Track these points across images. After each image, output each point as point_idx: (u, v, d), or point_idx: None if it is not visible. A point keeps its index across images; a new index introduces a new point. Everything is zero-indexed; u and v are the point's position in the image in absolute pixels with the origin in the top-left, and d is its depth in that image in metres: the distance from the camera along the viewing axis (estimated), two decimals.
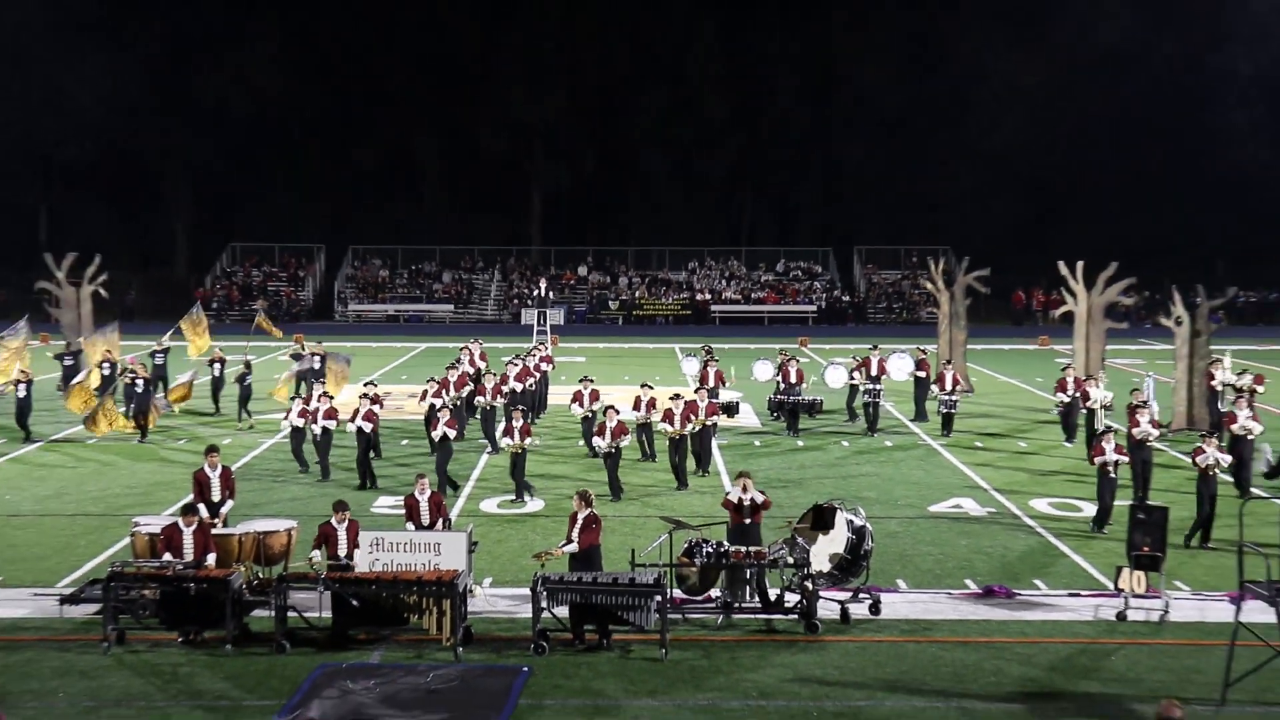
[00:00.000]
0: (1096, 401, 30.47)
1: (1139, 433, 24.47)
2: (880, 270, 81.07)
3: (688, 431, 27.01)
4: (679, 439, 26.82)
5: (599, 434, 25.73)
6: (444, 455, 25.94)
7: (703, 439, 28.13)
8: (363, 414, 26.97)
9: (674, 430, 26.76)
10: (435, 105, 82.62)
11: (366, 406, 27.27)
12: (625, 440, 25.73)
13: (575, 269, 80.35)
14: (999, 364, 50.48)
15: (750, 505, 19.30)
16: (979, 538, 23.03)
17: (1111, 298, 37.21)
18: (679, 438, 26.80)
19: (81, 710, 14.92)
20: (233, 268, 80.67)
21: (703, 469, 28.04)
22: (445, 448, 25.96)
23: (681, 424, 26.82)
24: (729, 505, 19.51)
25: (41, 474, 28.31)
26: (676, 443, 26.81)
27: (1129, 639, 17.53)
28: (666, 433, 26.98)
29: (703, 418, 27.58)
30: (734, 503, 19.41)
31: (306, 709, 14.67)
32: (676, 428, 26.77)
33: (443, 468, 25.76)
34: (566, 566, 17.93)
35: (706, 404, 27.97)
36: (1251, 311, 75.81)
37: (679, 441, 26.82)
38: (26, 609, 18.51)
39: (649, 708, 15.01)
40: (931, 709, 15.07)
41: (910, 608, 18.77)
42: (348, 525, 18.32)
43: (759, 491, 19.57)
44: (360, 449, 26.94)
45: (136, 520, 19.87)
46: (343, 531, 18.26)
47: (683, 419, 26.88)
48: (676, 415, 26.88)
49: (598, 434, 25.82)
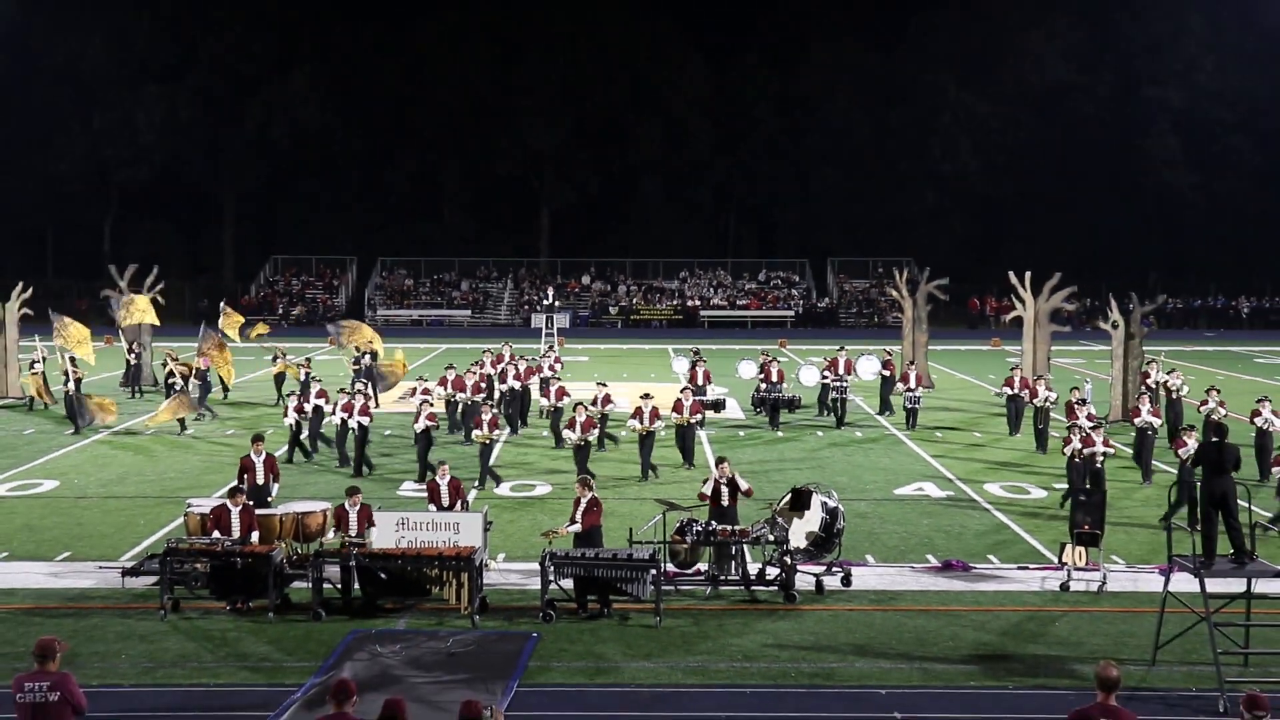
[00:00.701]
0: (1044, 400, 29.89)
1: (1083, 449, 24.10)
2: (851, 279, 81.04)
3: (655, 429, 26.09)
4: (645, 435, 25.95)
5: (569, 427, 25.08)
6: (424, 445, 25.65)
7: (686, 435, 27.40)
8: (359, 409, 26.51)
9: (641, 427, 25.89)
10: (456, 134, 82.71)
11: (361, 401, 26.93)
12: (594, 434, 25.14)
13: (579, 278, 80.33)
14: (956, 363, 50.46)
15: (730, 486, 19.14)
16: (939, 518, 23.01)
17: (1055, 304, 37.20)
18: (645, 434, 25.90)
19: (141, 670, 14.89)
20: (274, 277, 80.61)
21: (687, 463, 27.27)
22: (426, 439, 25.64)
23: (650, 421, 25.96)
24: (703, 497, 19.28)
25: (105, 461, 28.27)
26: (643, 439, 25.99)
27: (1071, 607, 17.52)
28: (634, 430, 26.18)
29: (687, 415, 27.02)
30: (707, 494, 19.19)
31: (340, 670, 14.64)
32: (645, 425, 25.91)
33: (423, 455, 25.53)
34: (571, 544, 17.92)
35: (691, 402, 27.38)
36: (1179, 317, 75.90)
37: (646, 438, 25.99)
38: (92, 580, 18.49)
39: (645, 669, 14.99)
40: (896, 670, 15.04)
41: (878, 580, 18.75)
42: (359, 508, 18.33)
43: (741, 479, 19.40)
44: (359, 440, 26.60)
45: (190, 501, 19.89)
46: (354, 514, 18.25)
47: (650, 417, 26.00)
48: (645, 413, 26.04)
49: (568, 427, 25.15)
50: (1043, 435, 29.57)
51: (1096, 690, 10.11)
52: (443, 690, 14.16)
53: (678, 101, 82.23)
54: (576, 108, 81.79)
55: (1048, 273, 37.72)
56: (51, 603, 17.50)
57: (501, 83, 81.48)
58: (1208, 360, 52.16)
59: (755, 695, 14.28)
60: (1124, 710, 10.03)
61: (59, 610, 17.15)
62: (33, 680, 10.45)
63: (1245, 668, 14.99)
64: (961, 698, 14.26)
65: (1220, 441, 15.41)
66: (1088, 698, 10.62)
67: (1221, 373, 46.90)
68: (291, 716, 13.40)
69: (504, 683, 14.43)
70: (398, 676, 14.65)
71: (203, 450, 29.44)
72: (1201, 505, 15.34)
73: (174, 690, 14.31)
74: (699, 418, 27.71)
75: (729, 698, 14.19)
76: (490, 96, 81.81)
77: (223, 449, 29.46)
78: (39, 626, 15.99)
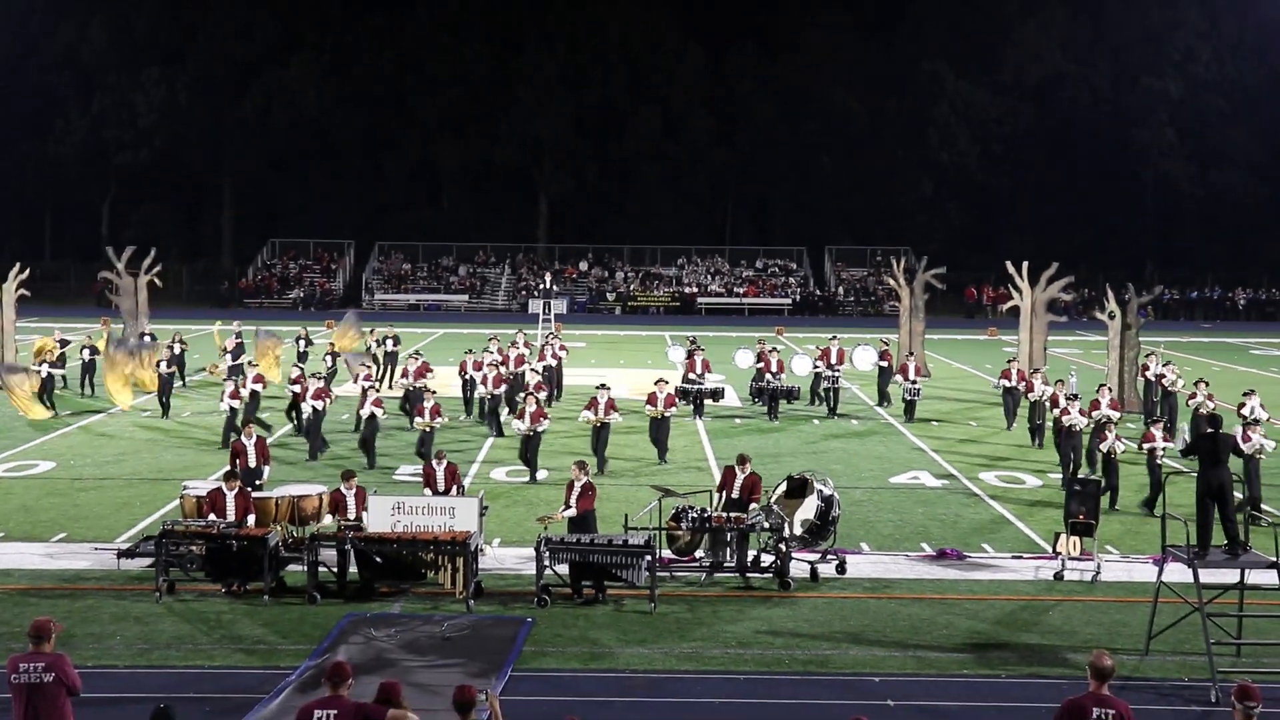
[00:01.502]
0: (1040, 394, 28.84)
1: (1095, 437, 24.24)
2: (848, 268, 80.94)
3: (610, 421, 25.31)
4: (600, 426, 25.21)
5: (519, 418, 24.34)
6: (370, 429, 25.53)
7: (660, 429, 26.37)
8: (312, 392, 26.36)
9: (595, 419, 25.11)
10: (455, 121, 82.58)
11: (316, 385, 26.82)
12: (544, 425, 24.37)
13: (577, 264, 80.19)
14: (953, 352, 50.43)
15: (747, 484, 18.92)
16: (934, 506, 23.03)
17: (1053, 294, 37.19)
18: (600, 425, 25.15)
19: (136, 652, 14.89)
20: (272, 260, 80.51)
21: (660, 458, 26.27)
22: (372, 424, 25.49)
23: (606, 412, 25.13)
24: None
25: (101, 443, 28.24)
26: (597, 431, 25.21)
27: (1065, 596, 17.54)
28: (587, 420, 25.44)
29: (661, 408, 26.08)
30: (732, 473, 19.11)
31: (335, 653, 14.64)
32: (599, 416, 25.14)
33: (370, 441, 25.50)
34: (566, 529, 17.91)
35: (665, 395, 26.33)
36: (1175, 307, 75.85)
37: (600, 430, 25.18)
38: (88, 562, 18.48)
39: (639, 655, 15.00)
40: (890, 658, 15.05)
41: (872, 568, 18.76)
42: (355, 492, 18.31)
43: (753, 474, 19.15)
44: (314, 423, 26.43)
45: (186, 484, 19.87)
46: (351, 497, 18.23)
47: (606, 408, 25.19)
48: (600, 404, 25.15)
49: (518, 418, 24.47)
50: (1039, 430, 29.07)
51: (1090, 679, 10.10)
52: (437, 674, 14.16)
53: (675, 90, 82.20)
54: (575, 96, 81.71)
55: (1045, 262, 37.70)
56: (47, 584, 17.49)
57: (500, 70, 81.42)
58: (1204, 351, 52.15)
59: (749, 682, 14.29)
60: (1117, 699, 10.03)
61: (54, 591, 17.14)
62: (28, 661, 10.44)
63: (1238, 658, 15.01)
64: (955, 685, 14.27)
65: (1215, 432, 15.39)
66: (1081, 686, 10.61)
67: (1217, 364, 46.93)
68: (286, 699, 13.38)
69: (499, 667, 14.43)
70: (393, 660, 14.65)
71: (199, 434, 29.37)
72: (1198, 496, 15.35)
73: (169, 672, 14.31)
74: (674, 410, 26.84)
75: (723, 684, 14.19)
76: (489, 84, 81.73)
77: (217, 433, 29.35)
78: (34, 607, 15.99)
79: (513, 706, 12.46)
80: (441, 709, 10.91)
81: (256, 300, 73.67)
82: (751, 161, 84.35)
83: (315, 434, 26.52)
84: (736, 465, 19.24)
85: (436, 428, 25.06)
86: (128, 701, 13.27)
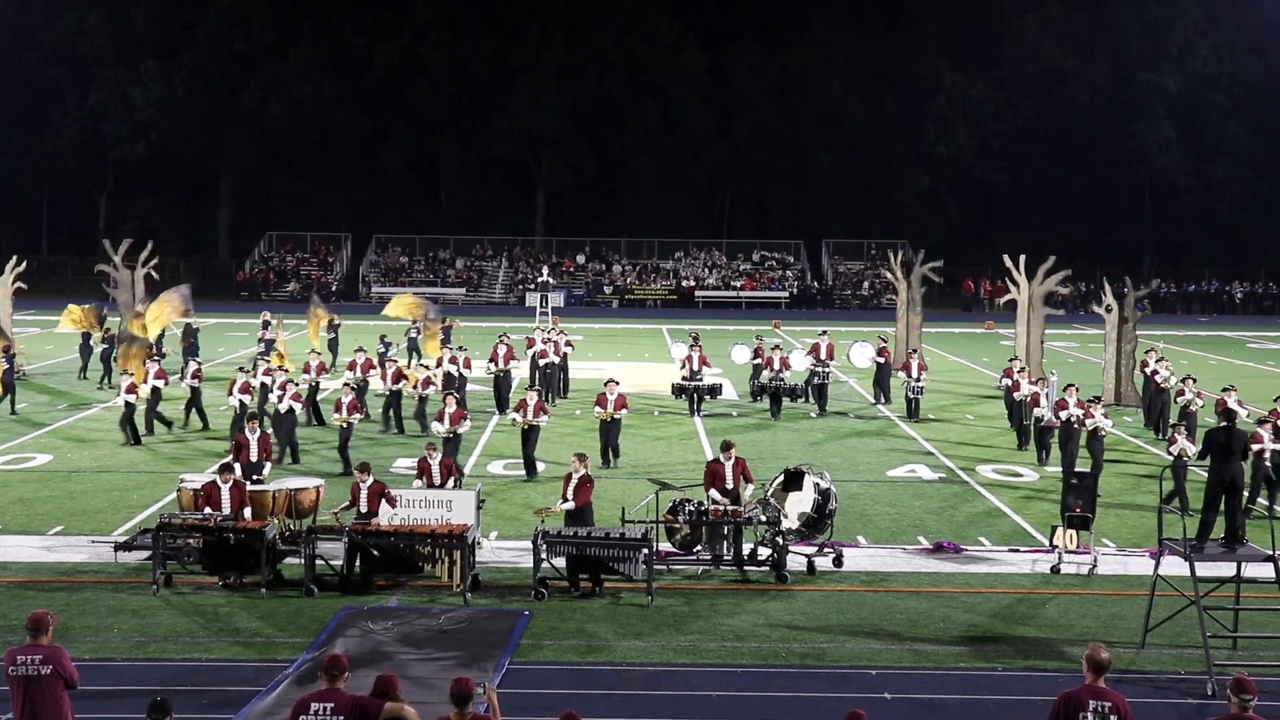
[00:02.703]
0: (1025, 394, 27.81)
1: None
2: (845, 261, 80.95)
3: (539, 424, 23.84)
4: (529, 429, 23.71)
5: (439, 419, 23.20)
6: (288, 426, 25.29)
7: (610, 433, 25.11)
8: (290, 395, 25.80)
9: (523, 421, 23.81)
10: (452, 114, 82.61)
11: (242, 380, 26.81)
12: (464, 426, 23.41)
13: (574, 257, 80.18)
14: (950, 346, 50.43)
15: (736, 470, 18.95)
16: (931, 499, 23.03)
17: (1050, 287, 37.14)
18: (529, 428, 23.87)
19: (133, 644, 14.89)
20: (269, 253, 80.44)
21: (606, 463, 24.85)
22: (289, 419, 25.30)
23: (535, 415, 23.64)
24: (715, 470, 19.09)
25: (99, 435, 28.20)
26: (526, 433, 23.84)
27: (1062, 589, 17.55)
28: (515, 423, 24.18)
29: (611, 410, 24.72)
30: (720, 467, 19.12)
31: (332, 646, 14.64)
32: (528, 418, 23.65)
33: (288, 437, 25.21)
34: (563, 522, 17.90)
35: (615, 397, 24.97)
36: (1172, 301, 75.89)
37: (529, 432, 23.83)
38: (85, 555, 18.47)
39: (636, 648, 15.00)
40: (887, 651, 15.06)
41: (869, 561, 18.76)
42: (370, 484, 18.21)
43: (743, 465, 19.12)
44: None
45: (183, 477, 19.88)
46: (364, 490, 18.17)
47: (536, 410, 23.72)
48: (530, 406, 23.72)
49: (437, 419, 23.30)
50: (1027, 431, 27.92)
51: (1086, 672, 10.10)
52: (434, 667, 14.16)
53: (674, 84, 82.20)
54: (573, 89, 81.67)
55: (1042, 256, 37.66)
56: (44, 576, 17.48)
57: (498, 64, 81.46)
58: (1201, 345, 52.19)
59: (746, 674, 14.29)
60: (1113, 692, 10.03)
61: (52, 584, 17.13)
62: (25, 654, 10.42)
63: (1234, 651, 15.00)
64: (952, 678, 14.28)
65: (1229, 426, 15.37)
66: (1077, 679, 10.61)
67: (1214, 358, 46.97)
68: (284, 692, 13.37)
69: (496, 660, 14.43)
70: (390, 653, 14.65)
71: (195, 427, 29.31)
72: (1208, 490, 15.33)
73: (166, 665, 14.30)
74: (624, 413, 25.29)
75: (720, 677, 14.19)
76: (487, 77, 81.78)
77: (217, 426, 29.36)
78: (31, 600, 16.00)
79: (510, 699, 12.47)
80: (439, 701, 10.91)
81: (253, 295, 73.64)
82: (749, 155, 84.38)
83: (287, 432, 25.55)
84: (721, 455, 19.21)
85: (354, 423, 24.58)
86: (125, 694, 13.25)
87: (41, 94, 78.95)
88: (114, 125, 79.13)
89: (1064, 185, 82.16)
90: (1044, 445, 26.13)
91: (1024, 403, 28.01)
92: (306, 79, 80.00)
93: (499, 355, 31.63)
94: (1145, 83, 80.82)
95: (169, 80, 78.90)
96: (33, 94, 78.53)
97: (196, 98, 79.46)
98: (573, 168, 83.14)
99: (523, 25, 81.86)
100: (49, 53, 79.43)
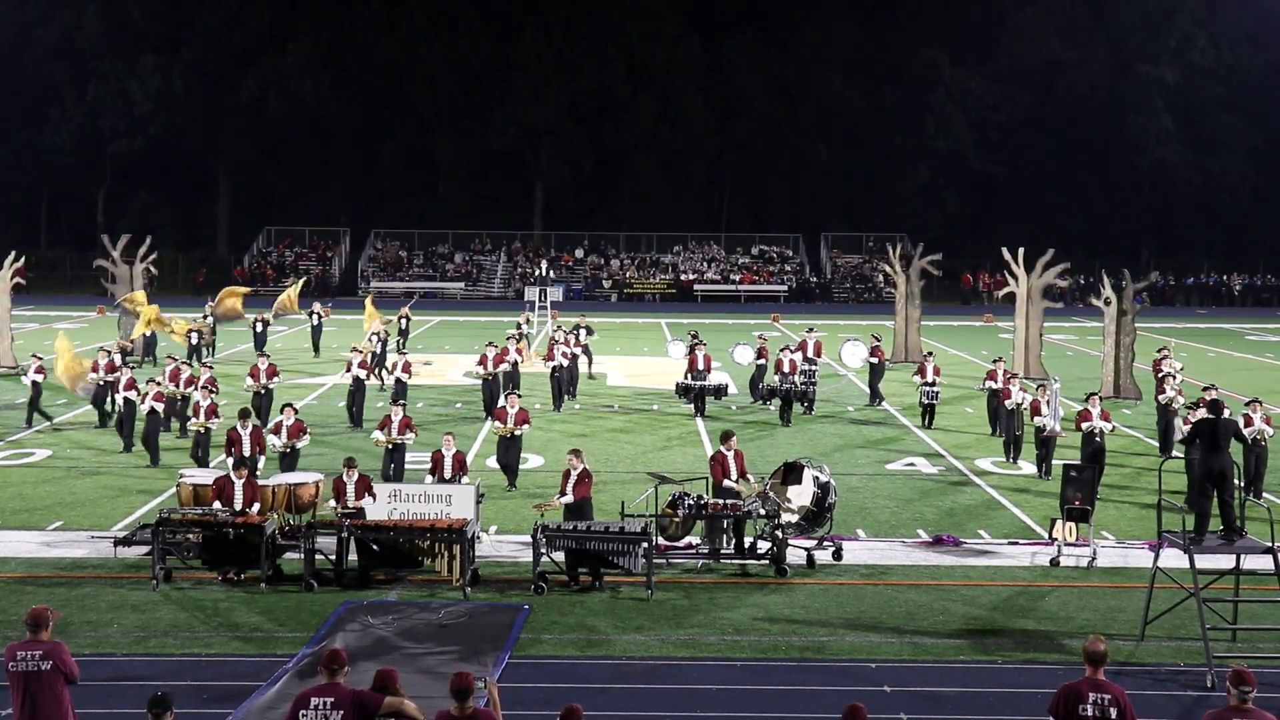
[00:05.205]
0: (1015, 403, 26.01)
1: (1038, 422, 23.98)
2: (844, 254, 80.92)
3: (406, 441, 22.37)
4: (509, 437, 22.60)
5: (381, 428, 22.26)
6: (151, 425, 24.70)
7: (510, 450, 22.91)
8: (152, 395, 24.93)
9: (384, 439, 22.51)
10: (451, 108, 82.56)
11: (128, 376, 26.65)
12: (410, 437, 22.44)
13: (573, 251, 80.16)
14: (949, 339, 50.37)
15: (735, 460, 19.01)
16: (930, 492, 23.04)
17: (1048, 280, 37.17)
18: (509, 436, 22.79)
19: (133, 640, 14.89)
20: (268, 248, 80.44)
21: (511, 484, 22.85)
22: (154, 419, 24.77)
23: (401, 431, 22.21)
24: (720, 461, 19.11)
25: (98, 430, 28.17)
26: (508, 441, 22.69)
27: (1061, 582, 17.56)
28: (377, 442, 22.78)
29: (511, 425, 22.54)
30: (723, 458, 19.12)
31: (332, 640, 14.64)
32: (390, 436, 22.16)
33: (152, 436, 24.74)
34: (562, 516, 17.91)
35: (516, 411, 22.72)
36: (1171, 293, 75.91)
37: (511, 440, 22.69)
38: (85, 550, 18.47)
39: (636, 641, 15.01)
40: (887, 644, 15.07)
41: (869, 554, 18.77)
42: (357, 479, 18.25)
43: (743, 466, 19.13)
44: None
45: (182, 472, 19.84)
46: (351, 485, 18.19)
47: (517, 419, 22.58)
48: (510, 414, 22.59)
49: (380, 428, 22.32)
50: (1018, 441, 25.87)
51: (1085, 664, 10.12)
52: (434, 661, 14.17)
53: (672, 77, 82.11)
54: (571, 83, 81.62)
55: (1041, 249, 37.70)
56: (44, 572, 17.48)
57: (497, 58, 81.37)
58: (1199, 338, 52.19)
59: (746, 668, 14.30)
60: (1112, 684, 10.05)
61: (51, 579, 17.13)
62: (25, 649, 10.44)
63: (1233, 643, 15.02)
64: (951, 671, 14.28)
65: (1216, 418, 15.37)
66: (1076, 672, 10.63)
67: (1213, 350, 46.97)
68: (284, 687, 13.38)
69: (495, 654, 14.44)
70: (389, 647, 14.65)
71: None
72: (1198, 481, 15.33)
73: (166, 660, 14.31)
74: (526, 429, 23.05)
75: (720, 670, 14.20)
76: (485, 71, 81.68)
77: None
78: (31, 596, 15.99)
79: (510, 693, 12.47)
80: (439, 696, 10.90)
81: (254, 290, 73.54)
82: (748, 149, 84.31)
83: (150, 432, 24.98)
84: (722, 445, 19.26)
85: (212, 428, 23.75)
86: (125, 689, 13.26)
87: (40, 90, 78.80)
88: (112, 120, 79.04)
89: (1062, 178, 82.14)
90: (1045, 458, 24.12)
91: (1015, 411, 25.78)
92: (305, 74, 79.85)
93: (488, 359, 30.11)
94: (1144, 75, 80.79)
95: (167, 75, 78.79)
96: (31, 90, 78.37)
97: (195, 93, 79.32)
98: (571, 162, 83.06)
99: (521, 20, 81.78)
100: (47, 48, 79.31)
